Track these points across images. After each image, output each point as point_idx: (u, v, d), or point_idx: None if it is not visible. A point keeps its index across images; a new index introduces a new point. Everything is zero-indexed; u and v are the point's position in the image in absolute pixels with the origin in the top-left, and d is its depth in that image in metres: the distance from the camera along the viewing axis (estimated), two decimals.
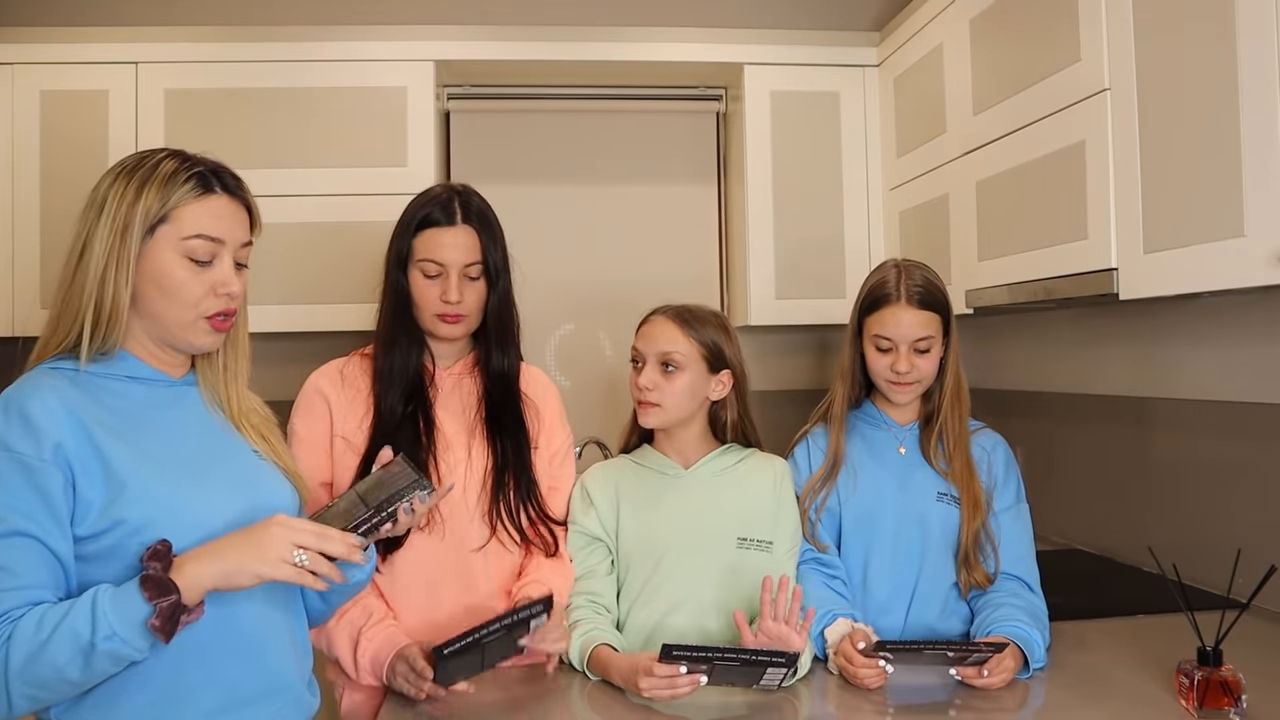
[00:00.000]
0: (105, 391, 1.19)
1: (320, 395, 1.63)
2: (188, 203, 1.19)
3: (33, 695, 1.06)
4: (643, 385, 1.60)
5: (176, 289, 1.19)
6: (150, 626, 1.04)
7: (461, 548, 1.60)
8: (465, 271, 1.60)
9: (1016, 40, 2.07)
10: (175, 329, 1.21)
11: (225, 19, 2.81)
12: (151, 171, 1.20)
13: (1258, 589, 1.32)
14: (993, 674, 1.39)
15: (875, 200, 2.79)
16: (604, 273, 3.05)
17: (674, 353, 1.60)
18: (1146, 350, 2.14)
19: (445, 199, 1.63)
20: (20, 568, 1.07)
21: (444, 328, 1.61)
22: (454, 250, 1.59)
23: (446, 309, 1.59)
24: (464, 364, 1.70)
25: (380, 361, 1.63)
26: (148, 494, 1.13)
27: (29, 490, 1.08)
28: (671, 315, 1.63)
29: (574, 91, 2.95)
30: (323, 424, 1.62)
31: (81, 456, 1.11)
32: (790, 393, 3.03)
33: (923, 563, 1.63)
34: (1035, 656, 1.47)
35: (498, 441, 1.64)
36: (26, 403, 1.11)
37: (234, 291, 1.23)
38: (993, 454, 1.69)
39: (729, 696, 1.42)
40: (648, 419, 1.63)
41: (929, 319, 1.63)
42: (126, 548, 1.11)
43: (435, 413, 1.63)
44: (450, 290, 1.58)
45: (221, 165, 1.26)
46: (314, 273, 2.57)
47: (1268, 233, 1.41)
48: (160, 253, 1.19)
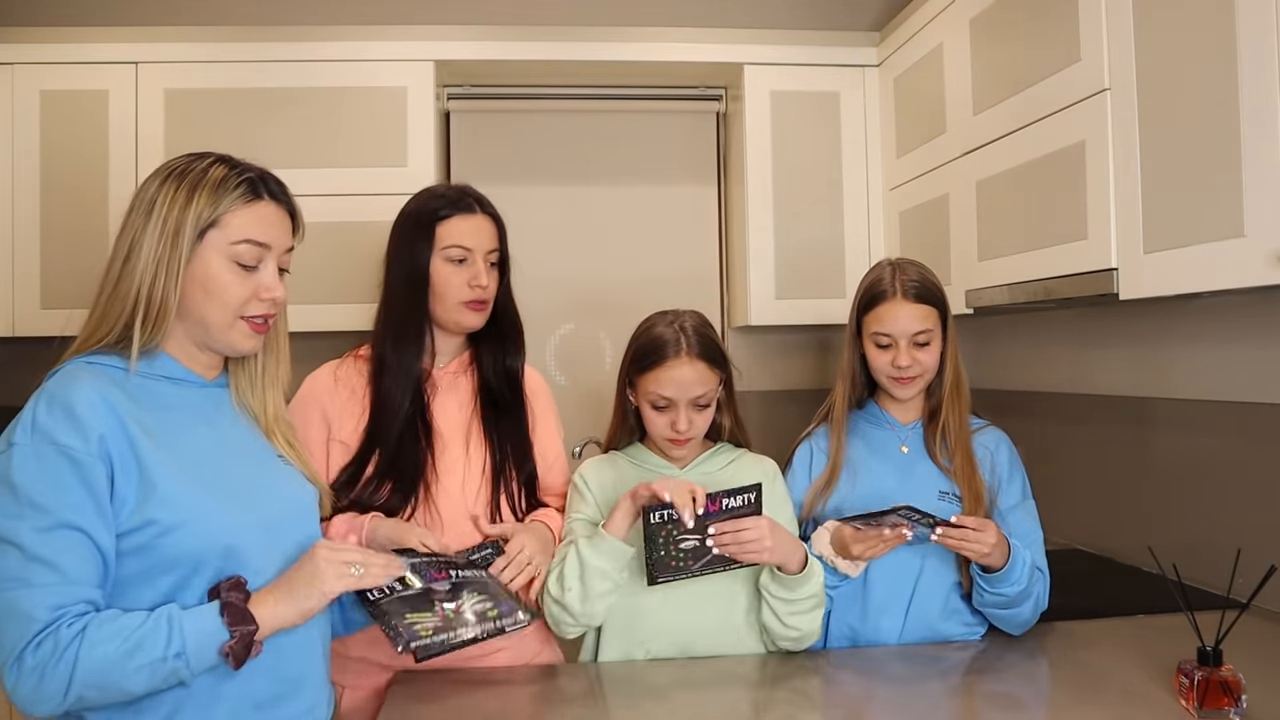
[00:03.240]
0: (141, 390, 1.20)
1: (315, 402, 1.62)
2: (237, 208, 1.21)
3: (89, 698, 1.08)
4: (682, 430, 1.57)
5: (222, 292, 1.21)
6: (225, 652, 1.09)
7: (459, 545, 1.59)
8: (488, 258, 1.62)
9: (1016, 40, 2.07)
10: (217, 331, 1.23)
11: (225, 19, 2.81)
12: (202, 176, 1.21)
13: (1258, 589, 1.32)
14: (972, 523, 1.46)
15: (875, 200, 2.79)
16: (604, 273, 3.05)
17: (707, 393, 1.58)
18: (1146, 350, 2.14)
19: (457, 193, 1.66)
20: (68, 563, 1.07)
21: (470, 316, 1.61)
22: (479, 235, 1.61)
23: (476, 294, 1.60)
24: (459, 363, 1.69)
25: (390, 358, 1.61)
26: (174, 496, 1.14)
27: (76, 483, 1.09)
28: (698, 355, 1.56)
29: (574, 91, 2.95)
30: (318, 431, 1.60)
31: (121, 452, 1.12)
32: (790, 393, 3.02)
33: (923, 562, 1.63)
34: (1019, 559, 1.52)
35: (495, 438, 1.64)
36: (70, 396, 1.12)
37: (277, 296, 1.25)
38: (996, 452, 1.69)
39: (734, 706, 1.42)
40: (680, 452, 1.62)
41: (926, 312, 1.63)
42: (155, 548, 1.12)
43: (432, 413, 1.63)
44: (481, 274, 1.59)
45: (267, 171, 1.28)
46: (314, 273, 2.56)
47: (1268, 233, 1.41)
48: (209, 256, 1.20)
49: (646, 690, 1.44)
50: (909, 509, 1.45)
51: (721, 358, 1.60)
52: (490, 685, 1.49)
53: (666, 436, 1.59)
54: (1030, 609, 1.59)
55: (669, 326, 1.58)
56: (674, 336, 1.56)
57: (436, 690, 1.46)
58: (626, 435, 1.70)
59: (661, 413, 1.58)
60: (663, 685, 1.45)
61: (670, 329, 1.58)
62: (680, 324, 1.58)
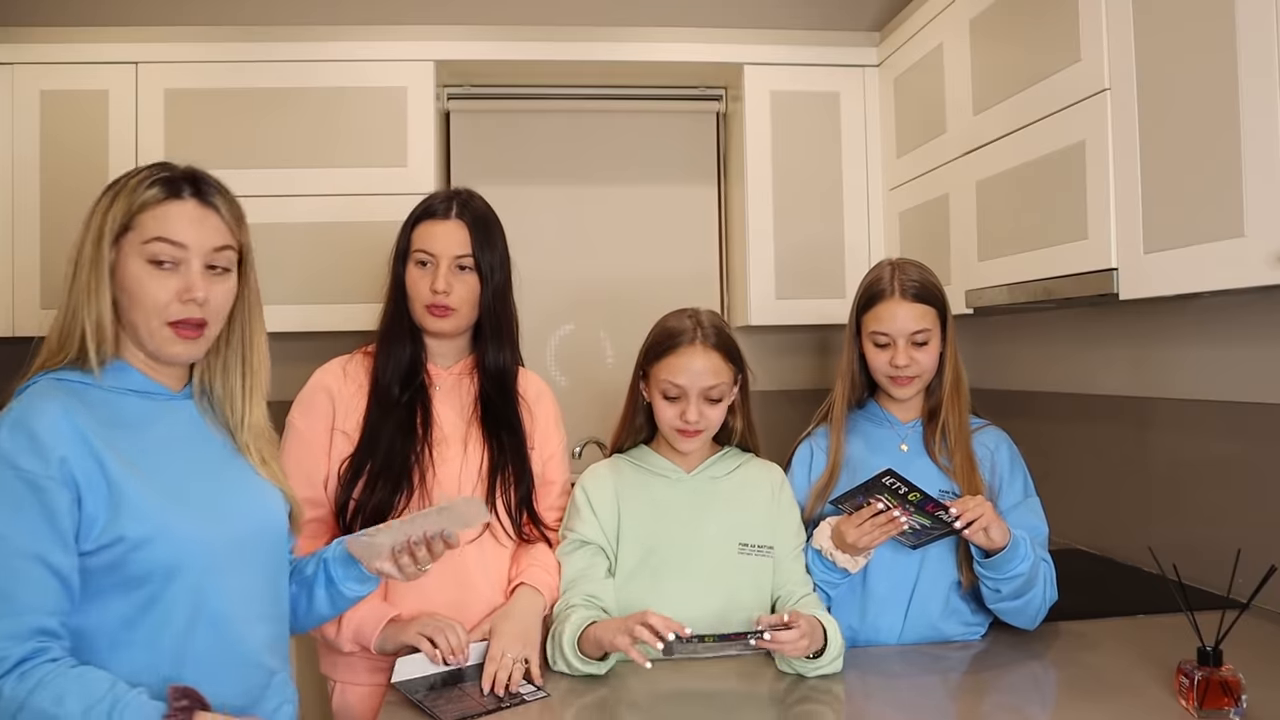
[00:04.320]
0: (105, 405, 1.19)
1: (325, 391, 1.64)
2: (150, 208, 1.20)
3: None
4: (692, 421, 1.56)
5: (142, 295, 1.19)
6: None
7: None
8: (455, 263, 1.62)
9: (1016, 40, 2.07)
10: (145, 337, 1.22)
11: (225, 19, 2.81)
12: (124, 182, 1.22)
13: (1258, 589, 1.32)
14: (972, 507, 1.47)
15: (875, 200, 2.79)
16: (604, 273, 3.05)
17: (719, 385, 1.58)
18: (1146, 350, 2.14)
19: (444, 198, 1.67)
20: (21, 592, 1.07)
21: (432, 320, 1.62)
22: (443, 241, 1.62)
23: (434, 299, 1.60)
24: (464, 365, 1.71)
25: (382, 356, 1.65)
26: (143, 511, 1.13)
27: (35, 509, 1.08)
28: (713, 345, 1.57)
29: (574, 91, 2.95)
30: (324, 421, 1.62)
31: (86, 471, 1.11)
32: (790, 393, 3.03)
33: (922, 560, 1.63)
34: (1021, 550, 1.52)
35: (494, 440, 1.65)
36: (32, 419, 1.11)
37: (198, 298, 1.21)
38: (996, 452, 1.69)
39: (734, 706, 1.43)
40: (689, 445, 1.62)
41: (925, 312, 1.63)
42: (127, 563, 1.12)
43: (434, 405, 1.64)
44: (438, 279, 1.60)
45: (202, 174, 1.26)
46: (314, 273, 2.57)
47: (1268, 233, 1.41)
48: (127, 260, 1.20)
49: (647, 690, 1.44)
50: (893, 475, 1.46)
51: (736, 353, 1.61)
52: None
53: (676, 427, 1.59)
54: (1040, 595, 1.58)
55: (685, 319, 1.61)
56: (689, 326, 1.59)
57: None
58: (633, 435, 1.69)
59: (673, 403, 1.58)
60: (663, 685, 1.45)
61: (686, 320, 1.60)
62: (696, 317, 1.61)
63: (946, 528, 1.50)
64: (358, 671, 1.61)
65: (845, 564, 1.57)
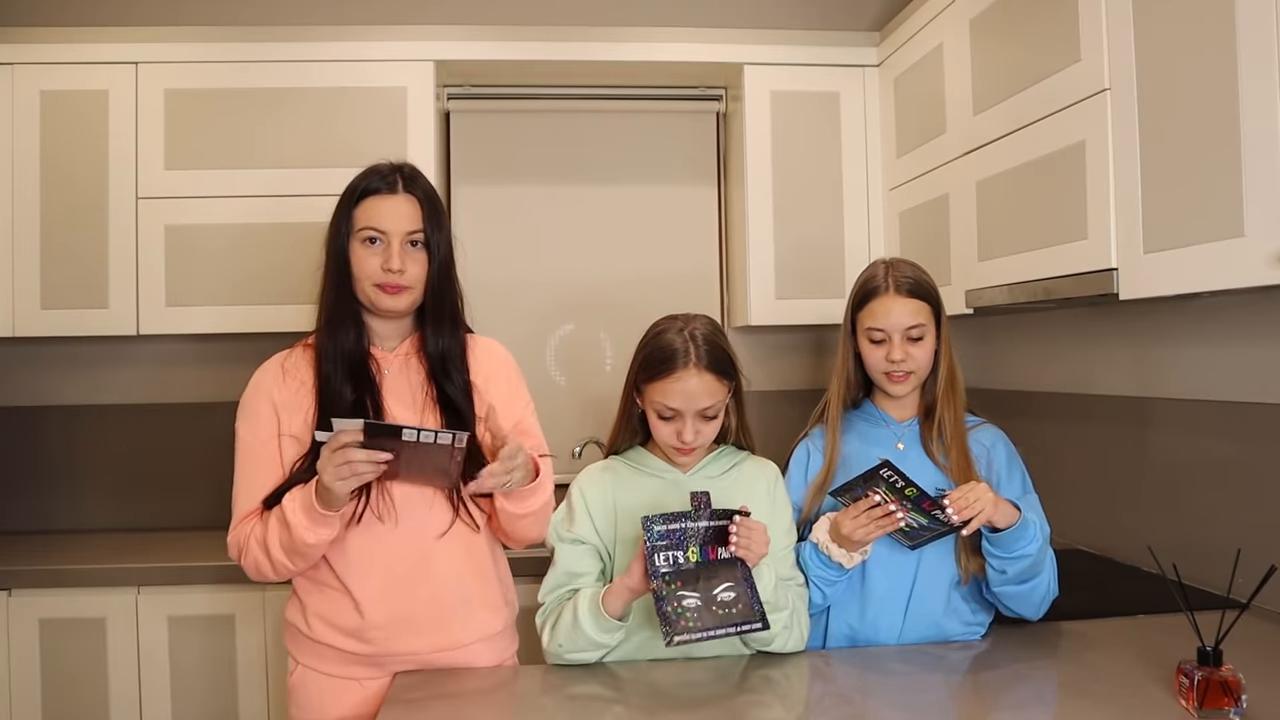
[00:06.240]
0: None
1: (264, 397, 1.58)
2: None
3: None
4: (688, 440, 1.55)
5: None
6: None
7: (422, 536, 1.56)
8: (407, 239, 1.57)
9: (1016, 40, 2.07)
10: None
11: (225, 19, 2.81)
12: None
13: (1258, 589, 1.32)
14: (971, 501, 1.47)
15: (875, 200, 2.79)
16: (604, 273, 3.05)
17: (715, 404, 1.56)
18: (1146, 350, 2.14)
19: (386, 171, 1.61)
20: None
21: (385, 299, 1.56)
22: (394, 218, 1.57)
23: (388, 278, 1.55)
24: (409, 344, 1.65)
25: (323, 342, 1.58)
26: None
27: None
28: (707, 366, 1.53)
29: (574, 91, 2.95)
30: (268, 429, 1.57)
31: None
32: (789, 393, 3.03)
33: (920, 558, 1.63)
34: (1030, 531, 1.52)
35: (449, 422, 1.59)
36: None
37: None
38: (993, 450, 1.69)
39: (734, 706, 1.43)
40: (688, 460, 1.62)
41: (919, 307, 1.64)
42: None
43: (383, 398, 1.58)
44: (392, 258, 1.55)
45: None
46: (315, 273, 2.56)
47: (1268, 233, 1.41)
48: None
49: (647, 690, 1.44)
50: (889, 467, 1.46)
51: (731, 367, 1.58)
52: (491, 687, 1.49)
53: (673, 445, 1.58)
54: (1046, 582, 1.58)
55: (678, 334, 1.55)
56: (683, 346, 1.53)
57: (439, 692, 1.46)
58: (629, 438, 1.69)
59: (668, 422, 1.56)
60: (663, 685, 1.45)
61: (680, 337, 1.55)
62: (690, 331, 1.55)
63: (945, 527, 1.50)
64: (326, 660, 1.57)
65: (840, 558, 1.57)
